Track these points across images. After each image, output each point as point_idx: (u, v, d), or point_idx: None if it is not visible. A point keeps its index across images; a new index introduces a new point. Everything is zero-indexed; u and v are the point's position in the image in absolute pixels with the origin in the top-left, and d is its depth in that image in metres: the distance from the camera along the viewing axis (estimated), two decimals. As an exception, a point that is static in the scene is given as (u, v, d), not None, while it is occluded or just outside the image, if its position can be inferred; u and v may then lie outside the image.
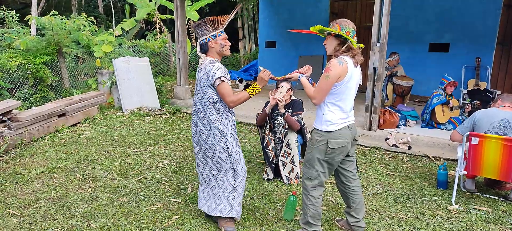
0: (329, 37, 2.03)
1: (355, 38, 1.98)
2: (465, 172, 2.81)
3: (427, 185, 3.20)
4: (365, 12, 7.13)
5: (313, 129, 2.17)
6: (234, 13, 2.70)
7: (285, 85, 3.15)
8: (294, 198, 2.52)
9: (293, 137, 3.28)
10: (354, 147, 2.21)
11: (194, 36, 13.01)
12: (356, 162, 2.29)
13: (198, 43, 2.30)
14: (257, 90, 2.26)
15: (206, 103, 2.29)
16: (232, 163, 2.34)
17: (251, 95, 2.25)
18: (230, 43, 2.35)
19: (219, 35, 2.27)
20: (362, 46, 2.09)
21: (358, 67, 2.05)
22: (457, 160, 3.75)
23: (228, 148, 2.31)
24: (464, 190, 3.03)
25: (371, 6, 6.88)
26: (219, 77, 2.18)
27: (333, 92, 2.00)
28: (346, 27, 1.94)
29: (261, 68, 2.33)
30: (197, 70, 2.36)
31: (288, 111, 3.36)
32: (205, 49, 2.28)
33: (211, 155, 2.36)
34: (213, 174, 2.41)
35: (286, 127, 3.30)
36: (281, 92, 3.07)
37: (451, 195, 2.92)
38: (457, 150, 2.95)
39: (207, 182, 2.46)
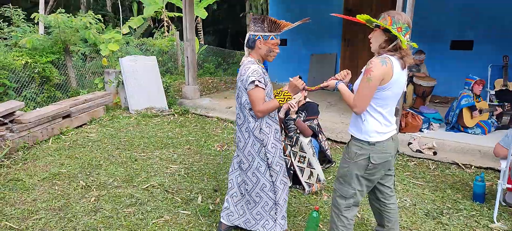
0: (377, 30, 1.73)
1: (408, 36, 1.69)
2: (510, 186, 2.51)
3: (461, 197, 2.90)
4: (382, 9, 6.77)
5: (350, 140, 1.88)
6: (298, 24, 2.39)
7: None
8: (316, 214, 2.26)
9: (305, 139, 3.05)
10: (394, 159, 1.92)
11: (201, 34, 12.81)
12: (394, 175, 2.00)
13: (247, 35, 2.09)
14: (287, 99, 2.01)
15: (243, 110, 2.08)
16: (271, 176, 2.13)
17: (281, 104, 2.00)
18: (279, 51, 2.10)
19: (272, 38, 2.04)
20: (415, 45, 1.80)
21: (405, 70, 1.76)
22: (490, 168, 3.46)
23: (268, 159, 2.09)
24: (504, 204, 2.73)
25: (388, 1, 6.54)
26: (253, 82, 1.95)
27: (375, 96, 1.71)
28: (398, 21, 1.64)
29: (291, 79, 2.09)
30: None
31: (300, 116, 3.12)
32: (251, 45, 2.07)
33: (247, 166, 2.15)
34: (247, 189, 2.20)
35: (298, 131, 3.07)
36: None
37: (489, 210, 2.63)
38: (500, 161, 2.64)
39: (243, 194, 2.26)
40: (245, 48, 2.11)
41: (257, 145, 2.08)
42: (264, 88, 2.00)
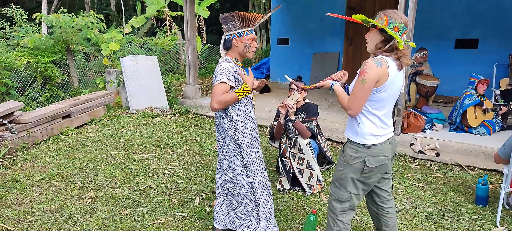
0: (373, 30, 1.68)
1: (405, 36, 1.64)
2: (512, 189, 2.44)
3: (463, 200, 2.84)
4: (385, 7, 6.68)
5: (346, 142, 1.84)
6: (269, 14, 2.39)
7: (297, 92, 2.86)
8: (314, 218, 2.22)
9: (303, 141, 3.01)
10: (392, 163, 1.87)
11: (204, 33, 12.80)
12: (392, 179, 1.95)
13: (222, 38, 2.05)
14: (246, 93, 1.96)
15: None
16: (248, 176, 2.09)
17: (239, 97, 1.95)
18: (256, 45, 2.07)
19: (247, 34, 1.99)
20: (413, 45, 1.74)
21: (402, 71, 1.71)
22: (494, 170, 3.39)
23: (243, 158, 2.07)
24: (507, 207, 2.66)
25: (392, 0, 6.45)
26: (220, 79, 1.92)
27: (370, 98, 1.67)
28: (395, 21, 1.59)
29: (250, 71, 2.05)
30: None
31: (299, 117, 3.08)
32: (227, 46, 2.03)
33: (226, 166, 2.15)
34: (228, 189, 2.19)
35: (297, 133, 3.03)
36: (292, 99, 2.79)
37: (493, 214, 2.56)
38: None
39: (226, 194, 2.25)
40: (222, 51, 2.07)
41: (232, 144, 2.05)
42: (233, 86, 1.95)
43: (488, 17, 5.87)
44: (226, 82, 1.92)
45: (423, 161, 3.72)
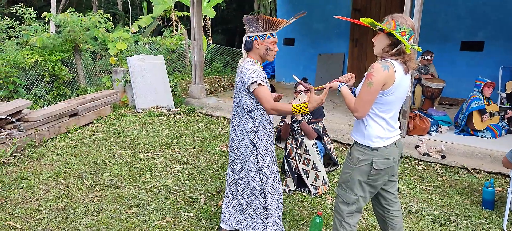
0: (380, 34, 1.69)
1: (412, 40, 1.64)
2: (520, 193, 2.42)
3: (469, 203, 2.82)
4: (390, 9, 6.67)
5: (352, 145, 1.85)
6: (293, 19, 2.35)
7: (304, 93, 2.88)
8: (320, 220, 2.22)
9: (309, 142, 3.02)
10: (398, 165, 1.87)
11: (210, 33, 12.84)
12: (398, 181, 1.95)
13: (244, 38, 2.07)
14: (303, 111, 1.84)
15: (241, 111, 2.05)
16: (261, 179, 2.10)
17: (294, 113, 1.87)
18: (278, 49, 2.08)
19: (269, 37, 2.00)
20: (419, 49, 1.74)
21: (409, 74, 1.71)
22: (500, 174, 3.36)
23: (258, 161, 2.07)
24: (514, 211, 2.64)
25: (397, 2, 6.43)
26: (255, 82, 1.90)
27: (377, 101, 1.68)
28: (402, 25, 1.60)
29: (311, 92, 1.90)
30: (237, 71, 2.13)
31: (304, 118, 3.09)
32: (248, 47, 2.04)
33: (239, 167, 2.14)
34: (239, 190, 2.19)
35: (303, 133, 3.04)
36: (299, 100, 2.80)
37: (499, 217, 2.54)
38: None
39: (234, 194, 2.25)
40: (243, 51, 2.08)
41: (250, 147, 2.06)
42: (267, 86, 1.96)
43: (493, 19, 5.82)
44: (262, 84, 1.90)
45: (428, 163, 3.70)
